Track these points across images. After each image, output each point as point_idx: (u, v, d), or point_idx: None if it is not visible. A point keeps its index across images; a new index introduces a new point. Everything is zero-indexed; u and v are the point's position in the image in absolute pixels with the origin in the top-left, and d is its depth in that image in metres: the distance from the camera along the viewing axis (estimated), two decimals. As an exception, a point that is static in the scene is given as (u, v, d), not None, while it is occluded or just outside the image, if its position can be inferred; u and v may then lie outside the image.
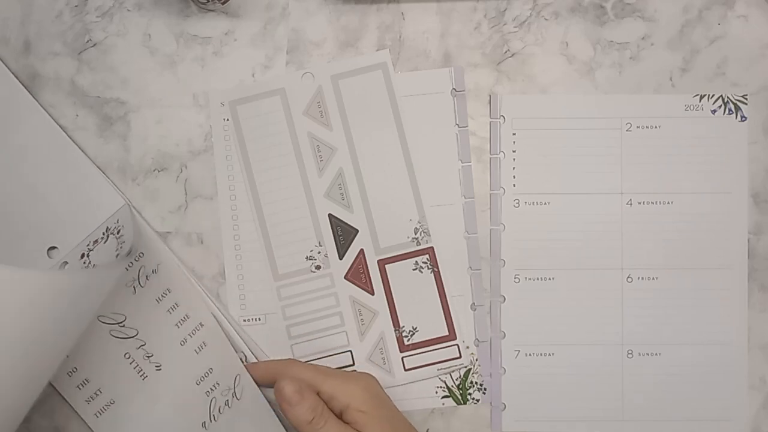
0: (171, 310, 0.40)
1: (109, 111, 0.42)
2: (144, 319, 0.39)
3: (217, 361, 0.40)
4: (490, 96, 0.43)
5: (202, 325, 0.40)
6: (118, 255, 0.38)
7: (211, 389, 0.39)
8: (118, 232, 0.39)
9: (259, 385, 0.39)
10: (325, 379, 0.36)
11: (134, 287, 0.39)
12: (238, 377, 0.39)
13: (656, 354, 0.42)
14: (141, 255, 0.40)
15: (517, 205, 0.42)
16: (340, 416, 0.36)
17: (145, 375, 0.39)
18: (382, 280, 0.42)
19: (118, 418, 0.39)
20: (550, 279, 0.42)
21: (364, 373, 0.38)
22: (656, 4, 0.43)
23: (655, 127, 0.42)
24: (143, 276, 0.40)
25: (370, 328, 0.42)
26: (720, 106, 0.42)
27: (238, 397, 0.39)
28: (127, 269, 0.39)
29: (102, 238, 0.40)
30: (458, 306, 0.42)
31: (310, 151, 0.42)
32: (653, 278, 0.42)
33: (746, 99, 0.43)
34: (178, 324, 0.40)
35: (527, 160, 0.42)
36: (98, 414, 0.39)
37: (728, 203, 0.42)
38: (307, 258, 0.42)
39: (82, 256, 0.40)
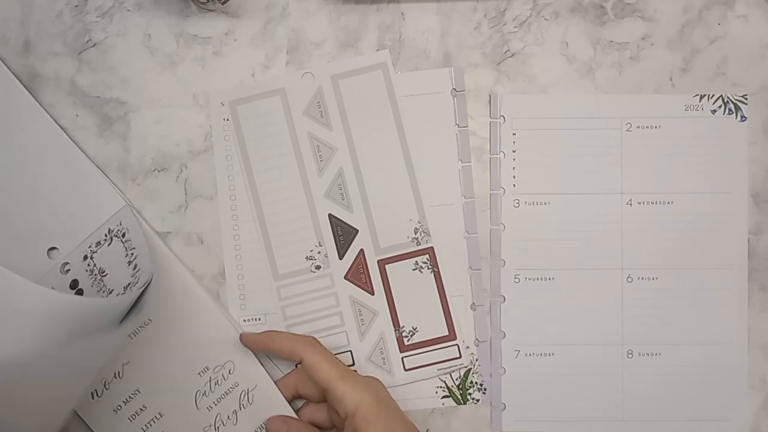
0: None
1: (109, 111, 0.42)
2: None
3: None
4: (490, 96, 0.43)
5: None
6: (129, 263, 0.37)
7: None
8: (123, 236, 0.39)
9: (274, 354, 0.40)
10: (337, 382, 0.36)
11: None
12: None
13: (656, 354, 0.42)
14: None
15: (517, 205, 0.42)
16: (344, 420, 0.36)
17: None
18: (382, 280, 0.42)
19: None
20: (550, 279, 0.42)
21: (372, 378, 0.38)
22: (656, 4, 0.43)
23: (655, 127, 0.42)
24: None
25: (370, 328, 0.42)
26: (720, 106, 0.42)
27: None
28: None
29: (105, 240, 0.40)
30: (458, 306, 0.42)
31: (310, 151, 0.42)
32: (653, 278, 0.42)
33: (746, 99, 0.43)
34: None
35: (527, 160, 0.42)
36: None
37: (728, 203, 0.42)
38: (307, 258, 0.42)
39: (85, 258, 0.40)
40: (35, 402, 0.30)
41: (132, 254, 0.39)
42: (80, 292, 0.40)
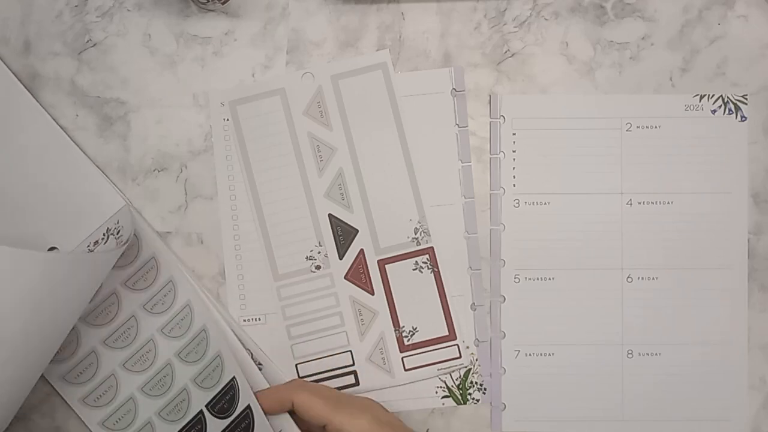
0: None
1: (109, 111, 0.42)
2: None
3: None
4: (490, 96, 0.43)
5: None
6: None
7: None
8: (118, 233, 0.39)
9: (267, 414, 0.38)
10: (334, 413, 0.36)
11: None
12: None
13: (656, 354, 0.42)
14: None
15: (517, 205, 0.42)
16: None
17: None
18: (382, 280, 0.42)
19: None
20: (550, 279, 0.42)
21: (369, 400, 0.38)
22: (656, 4, 0.43)
23: (655, 127, 0.42)
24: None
25: (370, 328, 0.42)
26: (720, 106, 0.42)
27: None
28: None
29: (102, 239, 0.40)
30: (458, 306, 0.42)
31: (310, 151, 0.42)
32: (653, 278, 0.42)
33: (746, 99, 0.43)
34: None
35: (527, 160, 0.42)
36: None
37: (728, 203, 0.42)
38: (307, 258, 0.42)
39: None
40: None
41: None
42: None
